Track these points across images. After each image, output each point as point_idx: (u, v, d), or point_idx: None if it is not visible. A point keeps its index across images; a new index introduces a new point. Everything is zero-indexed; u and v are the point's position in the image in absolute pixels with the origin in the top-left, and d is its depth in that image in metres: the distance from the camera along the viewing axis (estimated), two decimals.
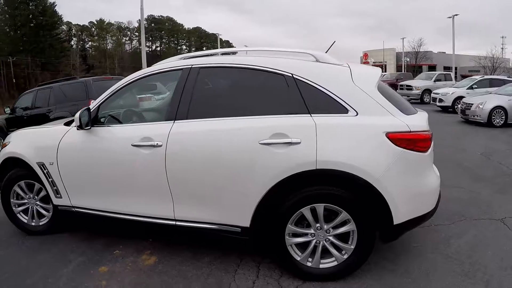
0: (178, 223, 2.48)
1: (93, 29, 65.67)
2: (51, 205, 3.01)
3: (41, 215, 3.15)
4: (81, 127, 2.61)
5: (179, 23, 75.94)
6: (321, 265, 2.27)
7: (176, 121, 2.42)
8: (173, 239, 2.92)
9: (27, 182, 3.08)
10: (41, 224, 3.15)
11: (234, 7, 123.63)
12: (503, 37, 44.16)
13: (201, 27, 78.69)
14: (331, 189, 2.14)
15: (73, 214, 2.90)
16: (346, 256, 2.25)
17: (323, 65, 2.34)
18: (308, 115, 2.18)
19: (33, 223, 3.17)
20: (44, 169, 2.87)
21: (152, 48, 72.20)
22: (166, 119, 2.47)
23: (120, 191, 2.63)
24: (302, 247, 2.30)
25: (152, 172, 2.43)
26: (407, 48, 45.31)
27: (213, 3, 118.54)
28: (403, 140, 2.12)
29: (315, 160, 2.08)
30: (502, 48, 41.04)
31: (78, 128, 2.65)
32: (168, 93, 4.32)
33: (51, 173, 2.85)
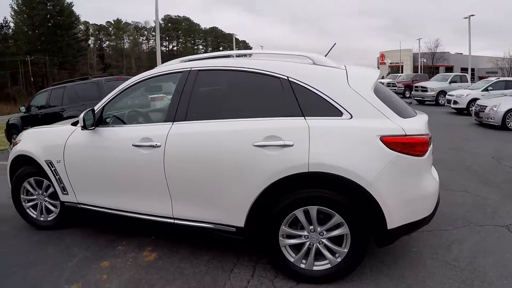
0: (176, 222, 2.54)
1: (110, 28, 66.99)
2: (58, 201, 3.13)
3: (49, 210, 3.28)
4: (85, 127, 2.72)
5: (196, 23, 76.71)
6: (315, 267, 2.28)
7: (175, 123, 2.48)
8: (174, 237, 3.00)
9: (36, 179, 3.22)
10: (49, 219, 3.29)
11: (251, 7, 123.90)
12: None
13: (218, 27, 79.25)
14: (323, 192, 2.14)
15: (78, 210, 3.01)
16: (339, 259, 2.25)
17: (319, 68, 2.34)
18: (302, 117, 2.20)
19: (42, 218, 3.30)
20: (52, 167, 2.99)
21: (169, 48, 73.07)
22: (165, 121, 2.55)
23: (122, 189, 2.72)
24: (296, 248, 2.31)
25: (151, 171, 2.51)
26: (423, 49, 44.49)
27: (231, 3, 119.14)
28: (398, 143, 2.10)
29: (307, 163, 2.09)
30: None
31: (82, 128, 2.75)
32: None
33: (58, 170, 2.97)
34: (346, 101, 2.19)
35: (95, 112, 2.78)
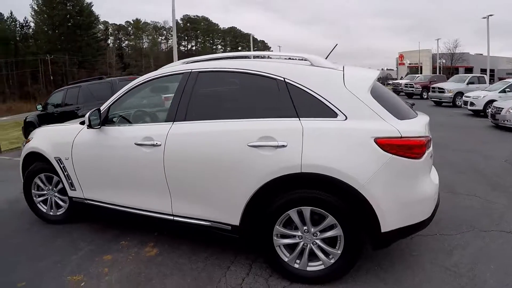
0: (175, 219, 2.62)
1: (129, 28, 68.33)
2: (67, 197, 3.26)
3: (58, 206, 3.43)
4: (90, 126, 2.83)
5: (214, 22, 77.32)
6: (308, 268, 2.29)
7: (175, 123, 2.56)
8: (176, 234, 3.07)
9: (47, 175, 3.36)
10: (58, 214, 3.43)
11: (270, 6, 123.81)
12: None
13: (236, 27, 79.75)
14: (316, 193, 2.15)
15: (85, 205, 3.13)
16: (333, 260, 2.25)
17: (315, 69, 2.35)
18: (296, 119, 2.21)
19: (52, 213, 3.45)
20: (61, 164, 3.12)
21: (187, 48, 73.93)
22: (166, 120, 2.63)
23: (125, 186, 2.82)
24: (291, 248, 2.33)
25: (152, 169, 2.59)
26: (442, 50, 43.39)
27: (250, 2, 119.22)
28: (393, 145, 2.07)
29: (300, 164, 2.11)
30: None
31: (88, 127, 2.86)
32: None
33: (67, 167, 3.10)
34: (341, 102, 2.18)
35: (101, 111, 2.89)
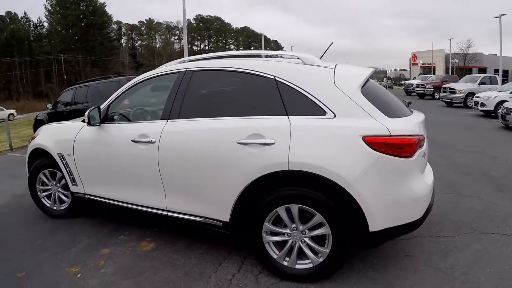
0: (169, 214, 2.68)
1: (142, 28, 69.25)
2: (69, 192, 3.36)
3: (62, 200, 3.54)
4: (89, 124, 2.92)
5: (227, 22, 77.81)
6: (297, 266, 2.30)
7: (169, 120, 2.61)
8: (174, 229, 3.14)
9: (51, 170, 3.48)
10: (61, 208, 3.54)
11: (283, 6, 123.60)
12: None
13: (249, 27, 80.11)
14: (304, 191, 2.15)
15: (87, 200, 3.23)
16: (321, 259, 2.25)
17: (306, 68, 2.36)
18: (285, 116, 2.23)
19: (55, 208, 3.56)
20: (63, 160, 3.23)
21: (200, 47, 74.47)
22: (162, 118, 2.69)
23: (122, 181, 2.90)
24: (280, 246, 2.35)
25: (147, 166, 2.65)
26: (455, 50, 42.53)
27: (263, 2, 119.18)
28: (381, 144, 2.05)
29: (287, 161, 2.12)
30: None
31: (87, 125, 2.95)
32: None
33: (69, 163, 3.20)
34: (330, 100, 2.18)
35: (101, 110, 2.97)
